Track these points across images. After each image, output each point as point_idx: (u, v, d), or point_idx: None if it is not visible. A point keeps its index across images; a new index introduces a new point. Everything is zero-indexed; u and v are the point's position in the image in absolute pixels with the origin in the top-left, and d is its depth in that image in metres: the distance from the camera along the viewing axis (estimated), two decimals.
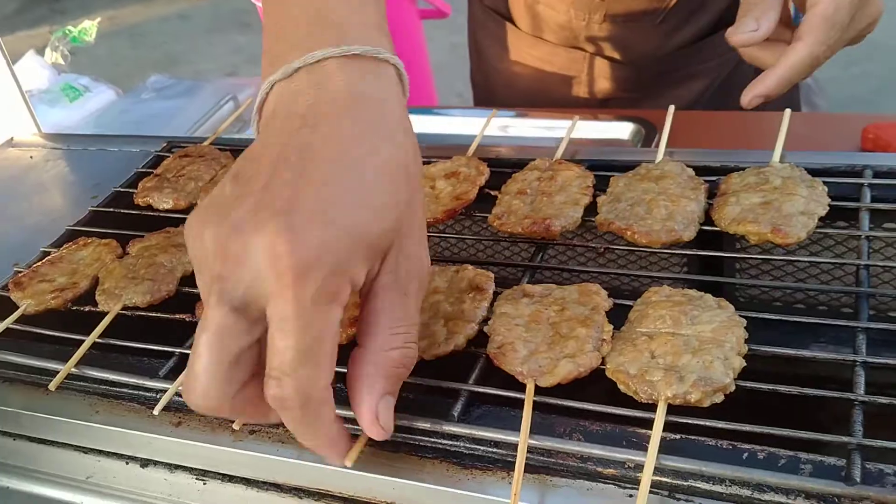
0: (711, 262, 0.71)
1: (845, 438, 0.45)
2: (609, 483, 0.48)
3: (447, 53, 2.93)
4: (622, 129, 1.15)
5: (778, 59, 0.69)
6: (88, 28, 1.58)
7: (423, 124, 1.25)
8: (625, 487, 0.47)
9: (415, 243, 0.46)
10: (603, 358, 0.52)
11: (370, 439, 0.48)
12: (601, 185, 0.68)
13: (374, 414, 0.45)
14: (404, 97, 0.49)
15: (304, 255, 0.40)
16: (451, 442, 0.51)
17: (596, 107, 1.28)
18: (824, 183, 0.63)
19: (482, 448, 0.51)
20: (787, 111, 0.71)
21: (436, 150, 0.79)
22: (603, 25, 1.19)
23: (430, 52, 2.31)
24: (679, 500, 0.46)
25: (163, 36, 4.31)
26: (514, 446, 0.49)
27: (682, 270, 0.75)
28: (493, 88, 1.38)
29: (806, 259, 0.65)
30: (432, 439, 0.52)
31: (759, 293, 0.73)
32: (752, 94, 0.70)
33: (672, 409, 0.49)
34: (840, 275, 0.68)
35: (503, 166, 0.73)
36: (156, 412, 0.56)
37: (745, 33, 0.69)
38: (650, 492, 0.47)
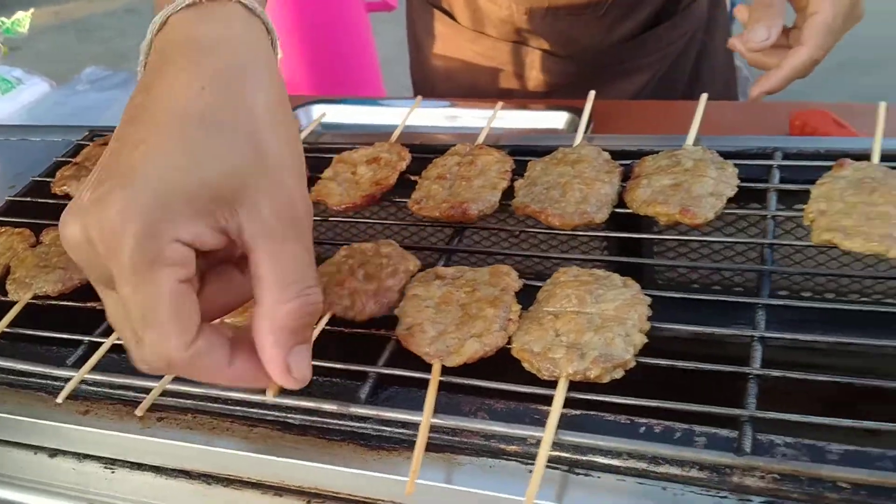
0: (630, 244, 0.72)
1: (737, 411, 0.46)
2: (512, 459, 0.48)
3: (396, 47, 2.92)
4: (557, 119, 1.15)
5: (779, 61, 0.76)
6: (21, 19, 1.54)
7: (363, 115, 1.24)
8: (526, 463, 0.48)
9: (280, 188, 0.43)
10: (510, 337, 0.53)
11: None
12: (522, 170, 0.69)
13: (284, 368, 0.43)
14: (257, 34, 0.47)
15: (108, 224, 0.39)
16: (358, 424, 0.51)
17: (540, 98, 1.29)
18: (735, 165, 0.64)
19: (389, 429, 0.51)
20: (704, 96, 0.73)
21: (360, 137, 0.79)
22: (545, 19, 1.19)
23: (379, 45, 2.30)
24: (578, 474, 0.47)
25: (109, 31, 4.23)
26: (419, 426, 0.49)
27: (602, 252, 0.75)
28: (434, 83, 1.37)
29: (711, 239, 0.66)
30: (340, 422, 0.52)
31: (678, 275, 0.74)
32: (759, 89, 0.79)
33: (575, 386, 0.49)
34: (754, 255, 0.69)
35: (425, 152, 0.73)
36: (59, 400, 0.55)
37: (759, 42, 0.77)
38: (552, 467, 0.47)
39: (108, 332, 0.59)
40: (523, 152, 0.71)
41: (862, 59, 3.15)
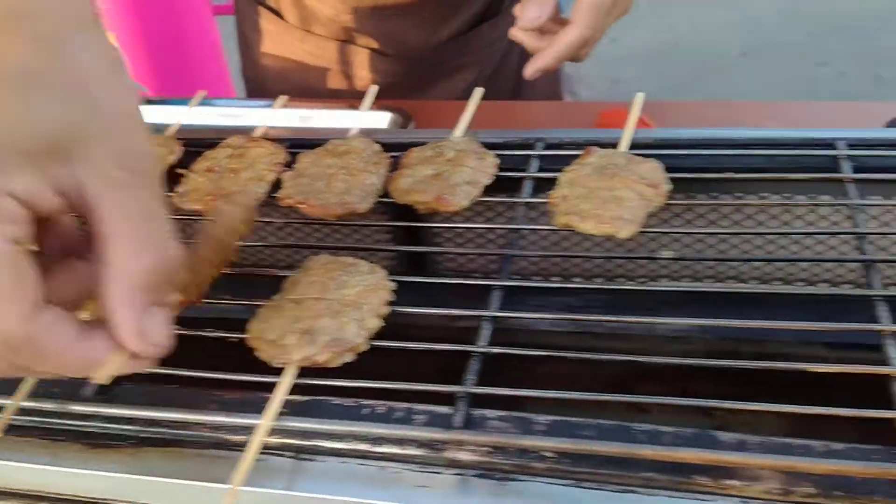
0: (412, 233, 0.73)
1: (454, 387, 0.47)
2: (238, 450, 0.47)
3: None
4: (380, 119, 1.16)
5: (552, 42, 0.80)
6: None
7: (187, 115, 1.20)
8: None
9: (121, 140, 0.40)
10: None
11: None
12: None
13: (137, 331, 0.39)
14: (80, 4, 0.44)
15: None
16: (82, 422, 0.49)
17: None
18: (499, 155, 0.66)
19: (116, 426, 0.49)
20: (479, 90, 0.75)
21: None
22: (371, 18, 1.20)
23: (233, 49, 2.26)
24: (304, 459, 0.47)
25: None
26: (150, 422, 0.48)
27: (387, 243, 0.75)
28: (264, 83, 1.35)
29: (464, 226, 0.68)
30: (63, 420, 0.49)
31: (457, 265, 0.75)
32: (532, 67, 0.83)
33: (308, 372, 0.49)
34: (536, 240, 0.71)
35: (201, 146, 0.71)
36: None
37: (531, 20, 0.81)
38: (279, 454, 0.47)
39: None
40: (303, 145, 0.71)
41: (715, 65, 3.36)
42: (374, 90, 0.77)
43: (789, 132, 0.64)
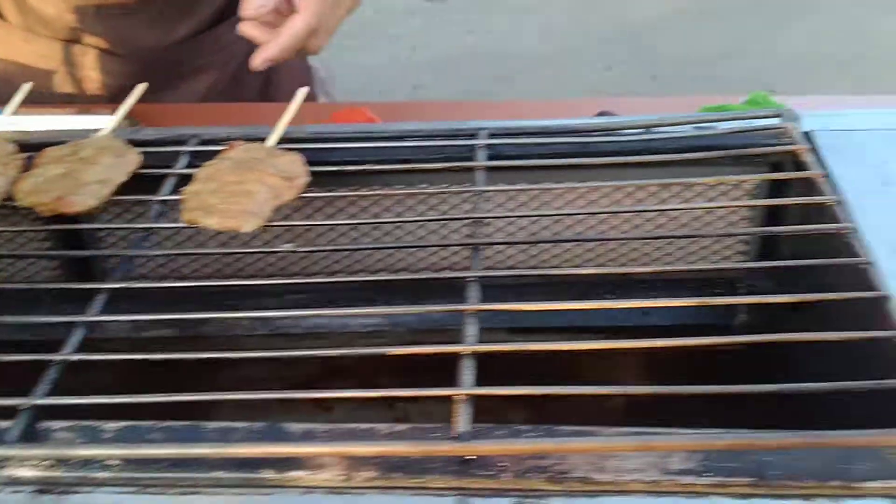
0: (76, 237, 0.69)
1: (21, 400, 0.44)
2: None
3: None
4: (105, 124, 1.10)
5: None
6: None
7: None
8: None
9: None
10: None
11: None
12: None
13: None
14: None
15: None
16: None
17: (105, 103, 1.22)
18: (148, 152, 0.63)
19: None
20: (141, 86, 0.72)
21: None
22: (97, 17, 1.13)
23: None
24: None
25: None
26: None
27: (49, 247, 0.71)
28: None
29: (95, 226, 0.65)
30: None
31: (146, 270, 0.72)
32: (259, 57, 0.81)
33: None
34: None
35: None
36: None
37: (255, 8, 0.80)
38: None
39: None
40: None
41: (512, 70, 3.49)
42: (26, 87, 0.72)
43: (439, 124, 0.66)
